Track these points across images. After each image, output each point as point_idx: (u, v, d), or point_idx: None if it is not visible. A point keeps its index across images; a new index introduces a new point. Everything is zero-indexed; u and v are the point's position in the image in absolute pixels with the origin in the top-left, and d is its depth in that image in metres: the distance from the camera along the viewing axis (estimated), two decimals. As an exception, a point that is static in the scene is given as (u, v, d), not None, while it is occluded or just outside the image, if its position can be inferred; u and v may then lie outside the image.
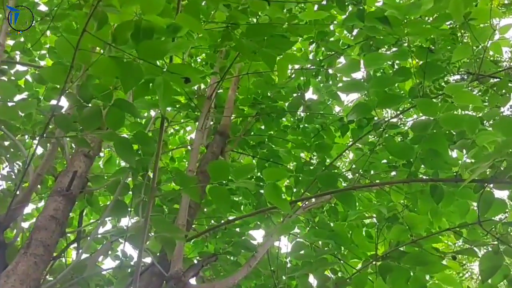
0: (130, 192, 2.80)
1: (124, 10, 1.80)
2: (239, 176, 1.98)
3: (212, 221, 3.68)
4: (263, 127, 3.84)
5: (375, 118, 3.07)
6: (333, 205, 3.53)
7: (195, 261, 2.86)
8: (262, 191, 3.30)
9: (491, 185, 2.40)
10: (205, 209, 3.59)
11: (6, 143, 3.24)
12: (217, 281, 3.07)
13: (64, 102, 4.34)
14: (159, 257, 2.68)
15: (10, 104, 2.42)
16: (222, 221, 3.41)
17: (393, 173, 3.32)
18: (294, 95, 3.72)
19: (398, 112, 3.73)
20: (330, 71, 3.84)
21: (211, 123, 3.74)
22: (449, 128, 2.60)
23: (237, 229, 3.49)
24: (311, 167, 3.47)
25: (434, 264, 2.60)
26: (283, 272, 3.11)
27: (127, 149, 2.22)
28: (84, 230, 3.42)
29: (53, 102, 3.12)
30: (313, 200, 3.43)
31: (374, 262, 2.71)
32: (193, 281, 2.72)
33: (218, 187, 1.96)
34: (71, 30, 3.01)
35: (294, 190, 3.45)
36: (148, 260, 2.75)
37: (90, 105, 2.18)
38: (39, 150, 3.29)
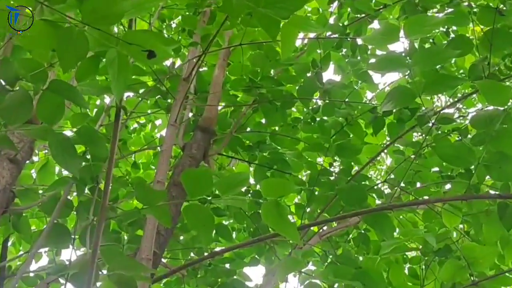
0: (74, 213, 2.82)
1: (62, -47, 1.73)
2: (227, 190, 1.94)
3: (192, 254, 3.64)
4: (263, 120, 3.81)
5: (422, 109, 3.07)
6: (362, 231, 3.52)
7: (166, 310, 2.88)
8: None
9: None
10: (181, 237, 3.58)
11: None
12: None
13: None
14: (115, 305, 2.73)
15: None
16: (206, 254, 3.38)
17: (447, 186, 3.34)
18: (308, 75, 3.70)
19: (455, 100, 3.78)
20: (359, 41, 3.84)
21: (190, 115, 3.70)
22: (525, 122, 2.59)
23: (227, 265, 3.52)
24: (331, 178, 3.48)
25: (503, 316, 2.73)
26: (292, 326, 3.19)
27: (69, 151, 2.20)
28: (9, 266, 3.42)
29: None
30: (334, 224, 3.52)
31: (420, 312, 2.76)
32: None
33: (197, 205, 1.91)
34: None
35: (307, 209, 3.46)
36: (99, 308, 2.80)
37: (16, 89, 2.12)
38: None
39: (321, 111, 3.68)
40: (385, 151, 3.80)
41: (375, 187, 3.47)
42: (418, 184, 3.49)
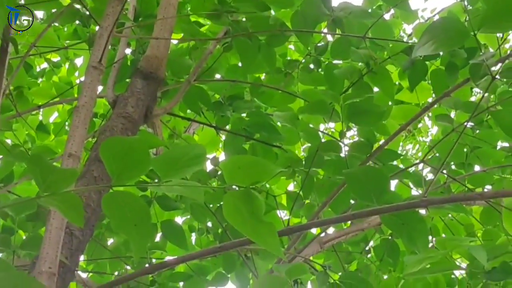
0: None
1: None
2: (173, 172, 1.73)
3: (127, 266, 3.45)
4: (240, 64, 3.48)
5: (488, 51, 2.86)
6: (388, 237, 3.32)
7: None
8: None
9: None
10: (109, 240, 3.44)
11: None
12: None
13: None
14: None
15: None
16: (147, 266, 3.18)
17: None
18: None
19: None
20: None
21: (127, 51, 3.36)
22: None
23: (180, 284, 3.44)
24: (342, 155, 3.18)
25: None
26: None
27: None
28: None
29: None
30: (346, 225, 3.39)
31: None
32: None
33: (124, 194, 1.71)
34: None
35: (304, 202, 3.27)
36: None
37: None
38: None
39: (329, 52, 3.35)
40: (426, 114, 3.53)
41: (409, 171, 3.10)
42: (477, 168, 3.20)
